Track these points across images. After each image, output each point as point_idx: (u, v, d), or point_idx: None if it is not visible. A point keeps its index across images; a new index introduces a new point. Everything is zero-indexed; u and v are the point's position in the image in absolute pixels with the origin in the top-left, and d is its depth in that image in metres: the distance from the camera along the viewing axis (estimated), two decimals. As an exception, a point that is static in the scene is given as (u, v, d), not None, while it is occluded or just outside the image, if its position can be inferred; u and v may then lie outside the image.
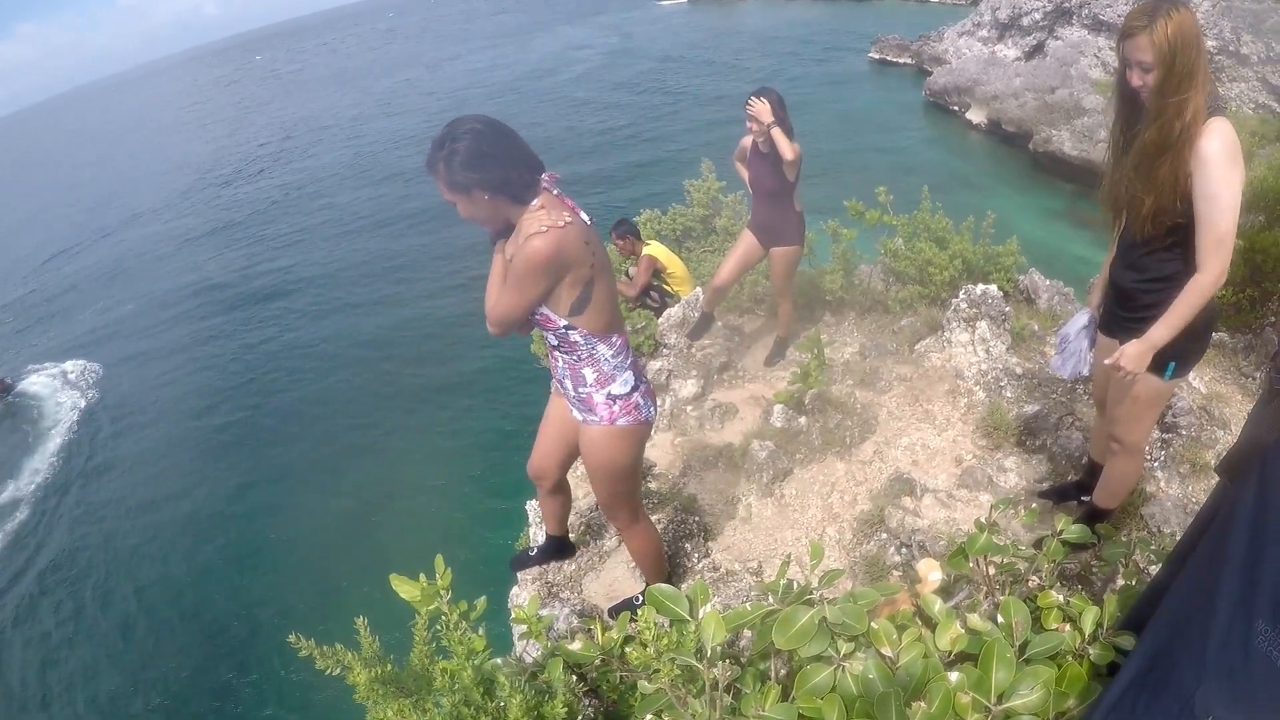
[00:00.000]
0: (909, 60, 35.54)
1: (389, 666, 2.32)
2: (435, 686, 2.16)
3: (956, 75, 28.75)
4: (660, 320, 6.44)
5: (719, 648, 1.79)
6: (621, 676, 2.39)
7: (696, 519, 4.44)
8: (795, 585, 2.01)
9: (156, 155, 62.19)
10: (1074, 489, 4.01)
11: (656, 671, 1.75)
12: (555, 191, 2.77)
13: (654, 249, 7.08)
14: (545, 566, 4.50)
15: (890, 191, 6.43)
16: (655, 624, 1.83)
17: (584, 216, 2.80)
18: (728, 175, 8.32)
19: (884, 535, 4.09)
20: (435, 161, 2.63)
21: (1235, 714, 1.40)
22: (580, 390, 3.04)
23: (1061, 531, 2.81)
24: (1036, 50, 29.32)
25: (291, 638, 2.37)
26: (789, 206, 5.38)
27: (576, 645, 2.50)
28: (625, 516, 3.41)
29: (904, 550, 3.94)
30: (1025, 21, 29.85)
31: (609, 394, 3.00)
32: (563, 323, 2.82)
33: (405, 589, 2.65)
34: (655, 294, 7.13)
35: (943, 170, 23.19)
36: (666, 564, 3.90)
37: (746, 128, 5.21)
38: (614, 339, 2.94)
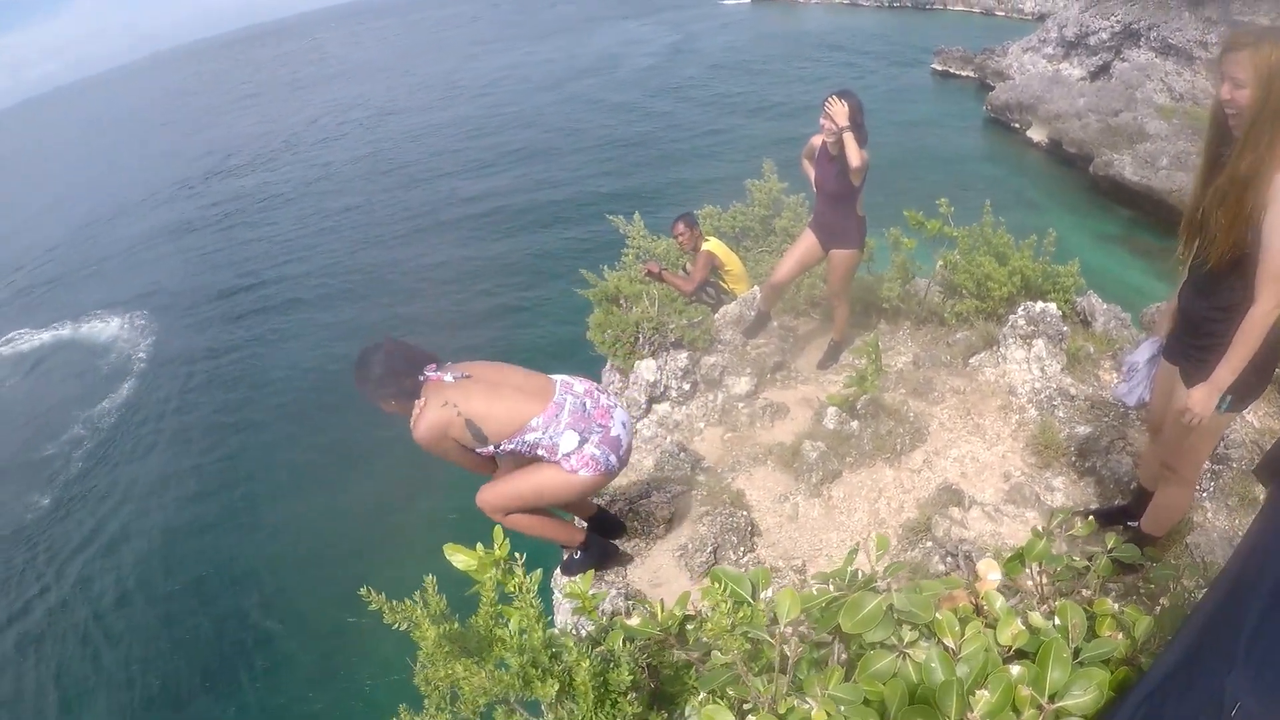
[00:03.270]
0: (972, 73, 35.11)
1: (455, 625, 2.40)
2: (504, 647, 2.24)
3: (1019, 92, 28.42)
4: (717, 316, 6.50)
5: (791, 624, 1.85)
6: (678, 655, 2.45)
7: (744, 514, 4.51)
8: (860, 574, 2.08)
9: (216, 125, 63.45)
10: (1120, 513, 3.99)
11: (724, 645, 1.82)
12: (431, 376, 3.41)
13: (713, 245, 7.13)
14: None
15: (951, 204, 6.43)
16: (728, 599, 1.89)
17: (447, 377, 3.41)
18: (789, 177, 8.35)
19: (930, 543, 4.13)
20: (357, 385, 3.43)
21: (1263, 703, 1.44)
22: (552, 459, 3.52)
23: (1113, 549, 2.84)
24: (1102, 71, 28.92)
25: (363, 590, 2.48)
26: (851, 210, 5.41)
27: (635, 621, 2.57)
28: (501, 511, 3.66)
29: (949, 559, 3.98)
30: (1092, 41, 29.43)
31: (564, 454, 3.46)
32: (492, 448, 3.44)
33: (460, 558, 2.74)
34: (711, 290, 7.19)
35: (1000, 187, 22.95)
36: (558, 520, 4.03)
37: (820, 126, 5.24)
38: (531, 423, 3.41)
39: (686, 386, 5.77)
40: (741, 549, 4.34)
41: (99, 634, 15.30)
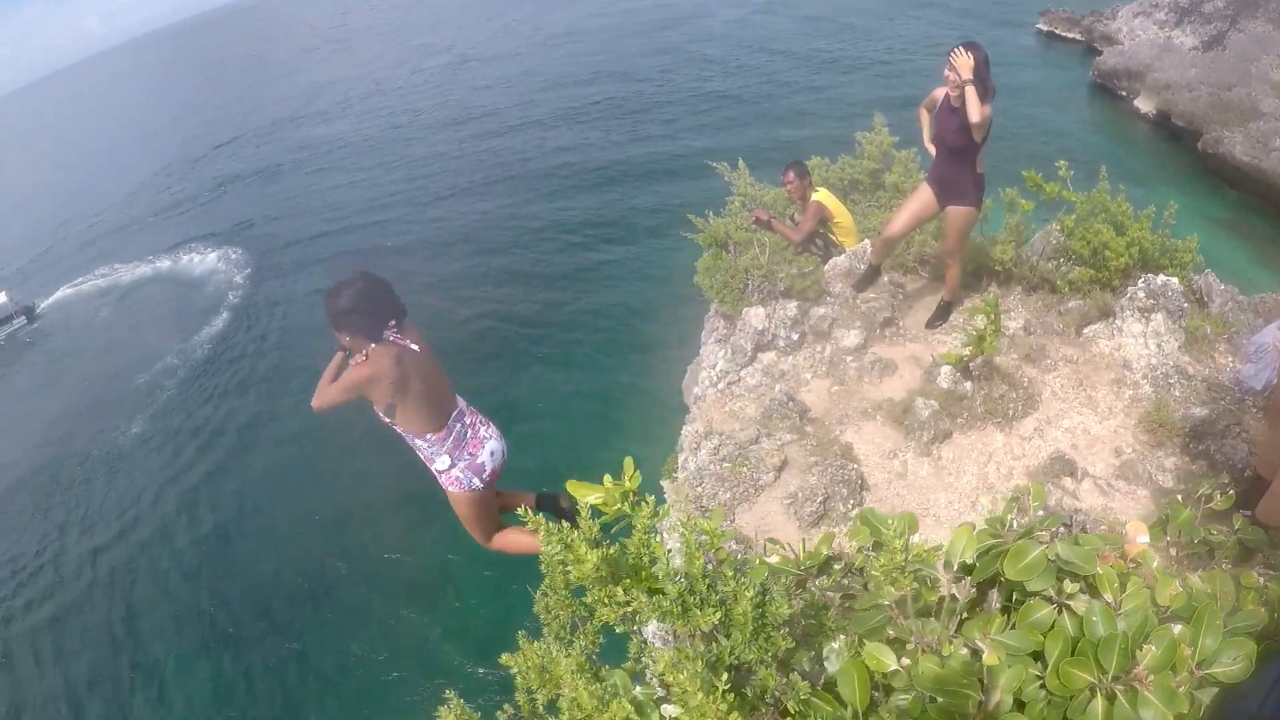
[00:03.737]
0: (1078, 36, 33.64)
1: (611, 550, 2.47)
2: (658, 575, 2.29)
3: (1128, 58, 27.20)
4: (826, 268, 6.47)
5: (963, 565, 1.89)
6: (816, 596, 2.49)
7: (855, 466, 4.54)
8: (1015, 524, 2.11)
9: (301, 71, 64.32)
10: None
11: (895, 581, 1.86)
12: (394, 337, 3.92)
13: (822, 196, 7.04)
14: (699, 492, 4.66)
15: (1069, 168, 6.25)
16: (900, 536, 1.94)
17: (414, 347, 3.96)
18: (898, 132, 8.21)
19: (1041, 512, 4.09)
20: (326, 313, 3.82)
21: None
22: (430, 467, 4.21)
23: (1239, 529, 2.81)
24: (1216, 41, 27.49)
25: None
26: (970, 166, 5.29)
27: (774, 560, 2.63)
28: (480, 541, 4.47)
29: (1062, 530, 3.95)
30: (1207, 8, 27.97)
31: (434, 469, 4.17)
32: (386, 420, 3.99)
33: (583, 492, 2.82)
34: (820, 241, 7.12)
35: (1103, 157, 21.77)
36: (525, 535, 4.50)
37: (944, 78, 5.14)
38: (429, 436, 4.03)
39: (795, 336, 5.78)
40: (851, 501, 4.38)
41: (173, 566, 15.97)
